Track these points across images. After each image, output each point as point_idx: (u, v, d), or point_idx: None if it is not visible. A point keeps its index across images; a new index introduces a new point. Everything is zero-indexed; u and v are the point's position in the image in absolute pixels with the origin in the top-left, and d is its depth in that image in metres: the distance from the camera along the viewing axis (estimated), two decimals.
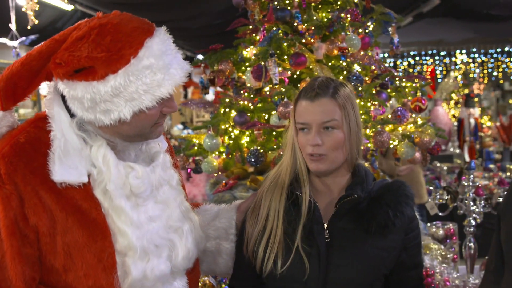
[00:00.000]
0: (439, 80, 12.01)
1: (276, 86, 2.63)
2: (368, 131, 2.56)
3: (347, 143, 1.67)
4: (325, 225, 1.68)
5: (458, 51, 12.34)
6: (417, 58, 12.55)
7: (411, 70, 12.57)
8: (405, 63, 12.64)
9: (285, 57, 2.74)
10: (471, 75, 12.39)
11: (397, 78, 2.91)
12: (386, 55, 9.90)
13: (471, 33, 9.61)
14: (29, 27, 5.24)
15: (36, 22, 5.19)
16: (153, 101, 1.44)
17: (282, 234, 1.68)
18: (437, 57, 12.57)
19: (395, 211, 1.65)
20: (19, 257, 1.37)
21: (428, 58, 12.59)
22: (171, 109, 1.54)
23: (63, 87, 1.46)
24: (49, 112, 1.50)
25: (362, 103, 2.66)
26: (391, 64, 12.43)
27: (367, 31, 2.87)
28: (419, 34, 9.69)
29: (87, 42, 1.40)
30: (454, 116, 10.44)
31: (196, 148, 2.95)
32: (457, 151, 9.45)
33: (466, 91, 11.06)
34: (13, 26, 5.43)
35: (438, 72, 12.65)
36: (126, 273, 1.47)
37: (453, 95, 10.73)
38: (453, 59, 12.41)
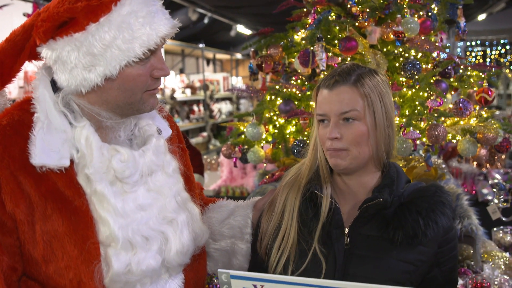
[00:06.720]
0: None
1: (324, 73, 2.44)
2: (422, 124, 2.31)
3: (371, 137, 1.47)
4: (346, 230, 1.50)
5: None
6: (508, 47, 11.70)
7: (502, 60, 11.76)
8: (495, 52, 11.83)
9: (336, 42, 2.53)
10: None
11: (461, 67, 2.62)
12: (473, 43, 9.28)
13: None
14: None
15: None
16: (139, 52, 1.34)
17: (296, 234, 1.52)
18: None
19: (427, 220, 1.45)
20: None
21: None
22: (162, 72, 1.44)
23: (45, 52, 1.37)
24: (34, 94, 1.43)
25: (421, 93, 2.41)
26: (479, 53, 11.69)
27: (429, 13, 2.59)
28: None
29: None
30: None
31: (243, 136, 2.82)
32: None
33: None
34: None
35: None
36: (108, 265, 1.37)
37: None
38: None
